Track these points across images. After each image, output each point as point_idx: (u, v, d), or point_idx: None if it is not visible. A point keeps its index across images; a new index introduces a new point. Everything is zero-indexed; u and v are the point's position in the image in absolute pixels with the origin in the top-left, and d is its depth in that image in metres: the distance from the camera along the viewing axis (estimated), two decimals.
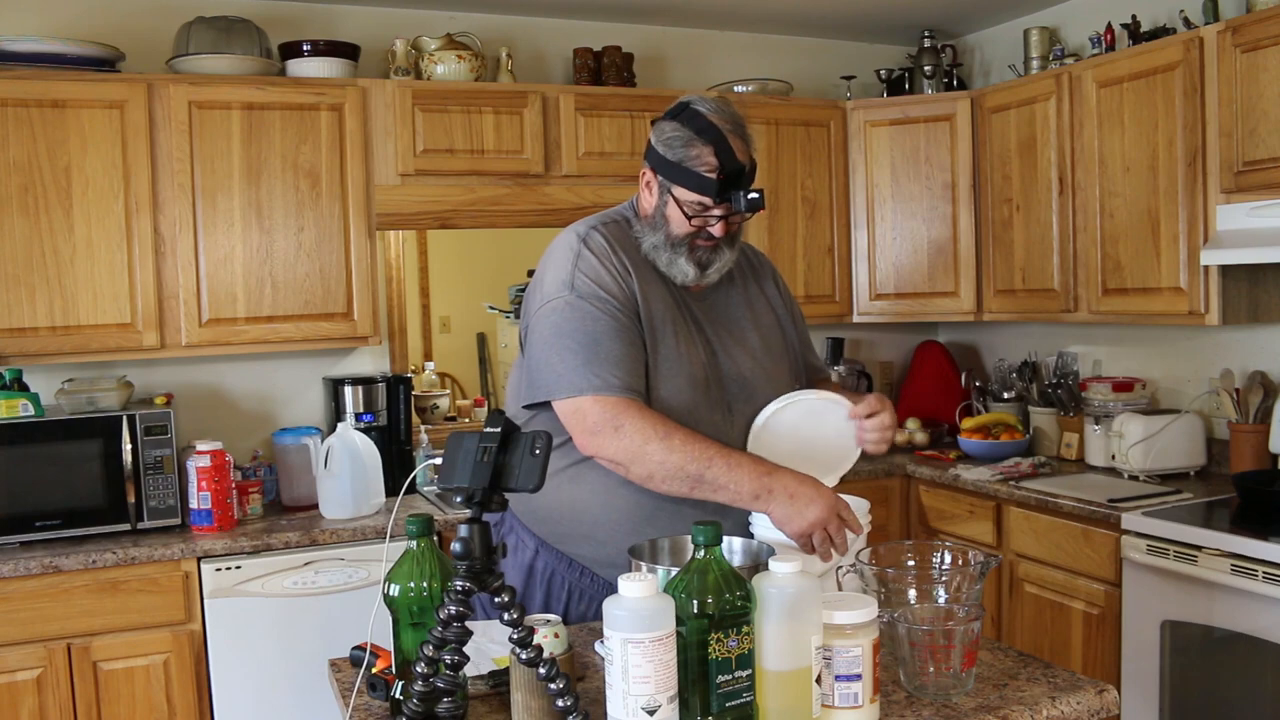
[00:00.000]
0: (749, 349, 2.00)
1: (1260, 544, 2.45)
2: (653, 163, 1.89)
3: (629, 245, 1.91)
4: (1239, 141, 2.81)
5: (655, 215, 1.90)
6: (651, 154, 1.90)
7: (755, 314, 2.05)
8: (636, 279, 1.87)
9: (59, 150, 2.89)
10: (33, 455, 2.78)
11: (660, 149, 1.87)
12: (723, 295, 2.02)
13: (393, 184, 3.25)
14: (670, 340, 1.87)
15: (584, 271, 1.83)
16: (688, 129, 1.84)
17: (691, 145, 1.83)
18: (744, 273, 2.07)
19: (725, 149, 1.82)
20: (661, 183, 1.88)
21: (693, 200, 1.85)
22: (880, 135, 3.86)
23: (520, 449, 1.39)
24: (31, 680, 2.65)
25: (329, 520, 3.02)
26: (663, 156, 1.86)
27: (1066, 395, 3.59)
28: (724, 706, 1.32)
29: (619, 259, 1.86)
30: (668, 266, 1.90)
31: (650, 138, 1.91)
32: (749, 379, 1.96)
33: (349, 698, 1.55)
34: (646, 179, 1.91)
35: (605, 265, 1.84)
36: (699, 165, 1.83)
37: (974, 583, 1.63)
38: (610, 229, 1.92)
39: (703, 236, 1.88)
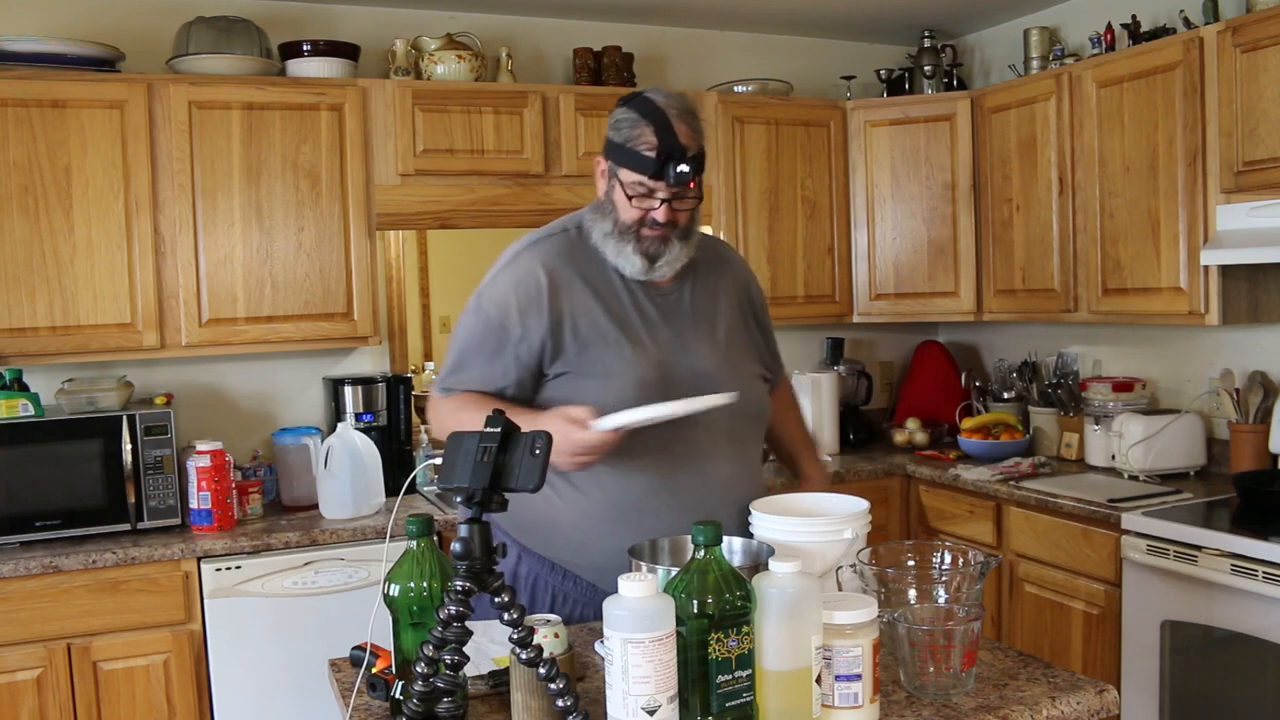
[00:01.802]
0: (713, 343, 2.01)
1: (1260, 544, 2.45)
2: (605, 150, 1.93)
3: (571, 258, 1.94)
4: (1239, 141, 2.81)
5: (605, 202, 1.94)
6: (605, 142, 1.93)
7: (720, 308, 2.06)
8: (569, 296, 1.90)
9: (59, 150, 2.89)
10: (33, 455, 2.78)
11: (610, 134, 1.91)
12: (685, 292, 2.02)
13: (393, 184, 3.25)
14: (611, 347, 1.90)
15: (495, 288, 1.93)
16: (634, 112, 1.88)
17: (636, 126, 1.86)
18: (710, 267, 2.07)
19: (667, 129, 1.85)
20: (610, 168, 1.92)
21: (634, 180, 1.87)
22: (880, 135, 3.86)
23: (520, 449, 1.39)
24: (31, 680, 2.65)
25: (329, 520, 3.02)
26: (611, 140, 1.91)
27: (1066, 395, 3.59)
28: (724, 706, 1.32)
29: (538, 284, 1.90)
30: (616, 257, 1.93)
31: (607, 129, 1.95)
32: (712, 373, 1.97)
33: (349, 698, 1.55)
34: (600, 168, 1.95)
35: (516, 290, 1.90)
36: (640, 145, 1.85)
37: (974, 583, 1.63)
38: (552, 244, 1.96)
39: (648, 224, 1.90)
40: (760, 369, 2.13)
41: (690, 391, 1.88)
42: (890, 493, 3.67)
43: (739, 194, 3.70)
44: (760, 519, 1.72)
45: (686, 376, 1.94)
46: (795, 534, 1.67)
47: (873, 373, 4.20)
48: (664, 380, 1.91)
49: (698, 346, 1.99)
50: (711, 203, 3.68)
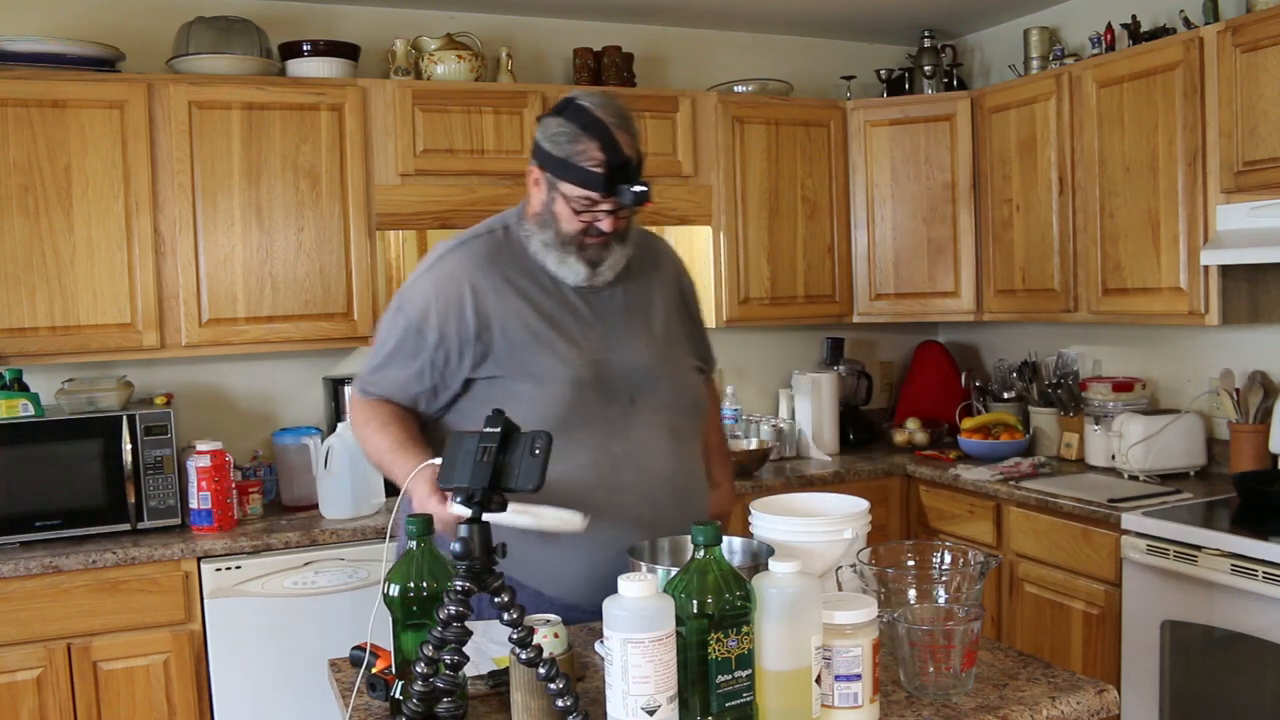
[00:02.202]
0: (650, 339, 2.00)
1: (1260, 544, 2.45)
2: (539, 160, 1.89)
3: (499, 259, 1.93)
4: (1239, 141, 2.81)
5: (544, 213, 1.90)
6: (538, 151, 1.89)
7: (655, 303, 2.06)
8: (497, 298, 1.89)
9: (59, 150, 2.89)
10: (33, 455, 2.78)
11: (547, 145, 1.87)
12: (618, 289, 2.00)
13: (393, 184, 3.25)
14: (544, 348, 1.89)
15: (417, 291, 1.93)
16: (573, 124, 1.84)
17: (577, 140, 1.83)
18: (642, 261, 2.06)
19: (611, 143, 1.82)
20: (549, 179, 1.88)
21: (579, 195, 1.85)
22: (880, 135, 3.86)
23: (520, 449, 1.40)
24: (31, 680, 2.65)
25: (329, 520, 3.02)
26: (549, 153, 1.86)
27: (1066, 395, 3.59)
28: (724, 706, 1.32)
29: (463, 286, 1.88)
30: (558, 266, 1.92)
31: (536, 135, 1.90)
32: (649, 368, 1.97)
33: (349, 698, 1.55)
34: (534, 177, 1.91)
35: (439, 293, 1.89)
36: (585, 160, 1.82)
37: (974, 583, 1.63)
38: (479, 245, 1.94)
39: (592, 234, 1.89)
40: (697, 361, 2.14)
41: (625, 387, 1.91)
42: (890, 493, 3.67)
43: (739, 194, 3.70)
44: (760, 519, 1.72)
45: (620, 373, 1.94)
46: (795, 534, 1.67)
47: (873, 373, 4.21)
48: (598, 379, 1.91)
49: (632, 343, 1.98)
50: (712, 203, 3.68)
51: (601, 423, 1.88)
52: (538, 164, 1.90)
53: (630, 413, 1.92)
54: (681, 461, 1.99)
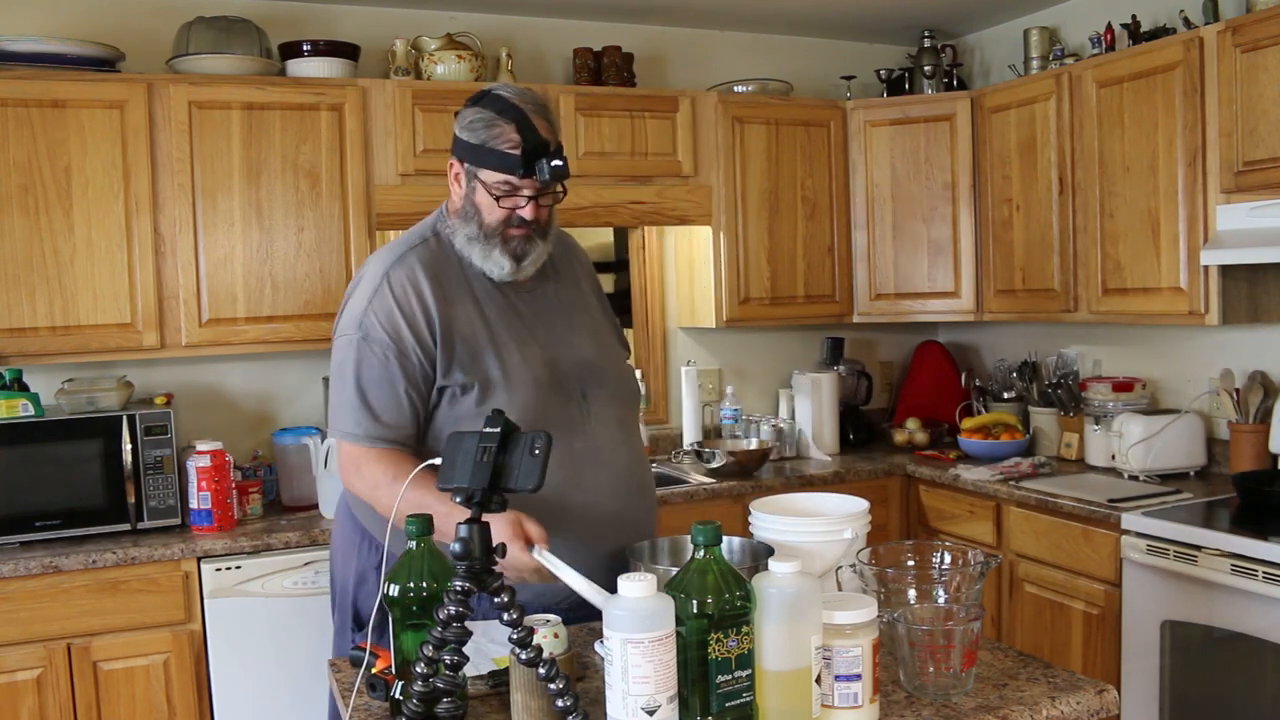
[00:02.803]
0: (588, 332, 2.03)
1: (1260, 544, 2.45)
2: (458, 152, 1.88)
3: (441, 265, 1.91)
4: (1239, 141, 2.81)
5: (466, 206, 1.89)
6: (456, 144, 1.88)
7: (582, 297, 2.09)
8: (449, 304, 1.87)
9: (59, 150, 2.89)
10: (33, 455, 2.78)
11: (464, 135, 1.86)
12: (550, 286, 2.02)
13: (393, 184, 3.25)
14: (504, 353, 1.88)
15: (375, 312, 1.84)
16: (489, 111, 1.84)
17: (493, 125, 1.83)
18: (560, 256, 2.07)
19: (527, 125, 1.82)
20: (468, 170, 1.88)
21: (498, 180, 1.84)
22: (880, 135, 3.86)
23: (520, 449, 1.40)
24: (31, 680, 2.65)
25: (329, 520, 3.02)
26: (466, 142, 1.86)
27: (1066, 395, 3.59)
28: (724, 706, 1.32)
29: (421, 295, 1.86)
30: (483, 260, 1.90)
31: (455, 129, 1.89)
32: (595, 362, 1.99)
33: (349, 698, 1.55)
34: (455, 171, 1.90)
35: (401, 307, 1.84)
36: (502, 143, 1.82)
37: (974, 583, 1.63)
38: (419, 253, 1.91)
39: (514, 224, 1.88)
40: (625, 351, 2.16)
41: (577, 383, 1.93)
42: (890, 493, 3.67)
43: (739, 194, 3.70)
44: (760, 519, 1.72)
45: (573, 369, 1.95)
46: (795, 534, 1.67)
47: (873, 373, 4.21)
48: (554, 378, 1.92)
49: (576, 339, 1.99)
50: (711, 203, 3.68)
51: (563, 421, 1.88)
52: (457, 157, 1.89)
53: (585, 408, 1.93)
54: (633, 451, 2.01)
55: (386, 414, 1.83)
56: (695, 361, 3.94)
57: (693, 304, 3.90)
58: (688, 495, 3.31)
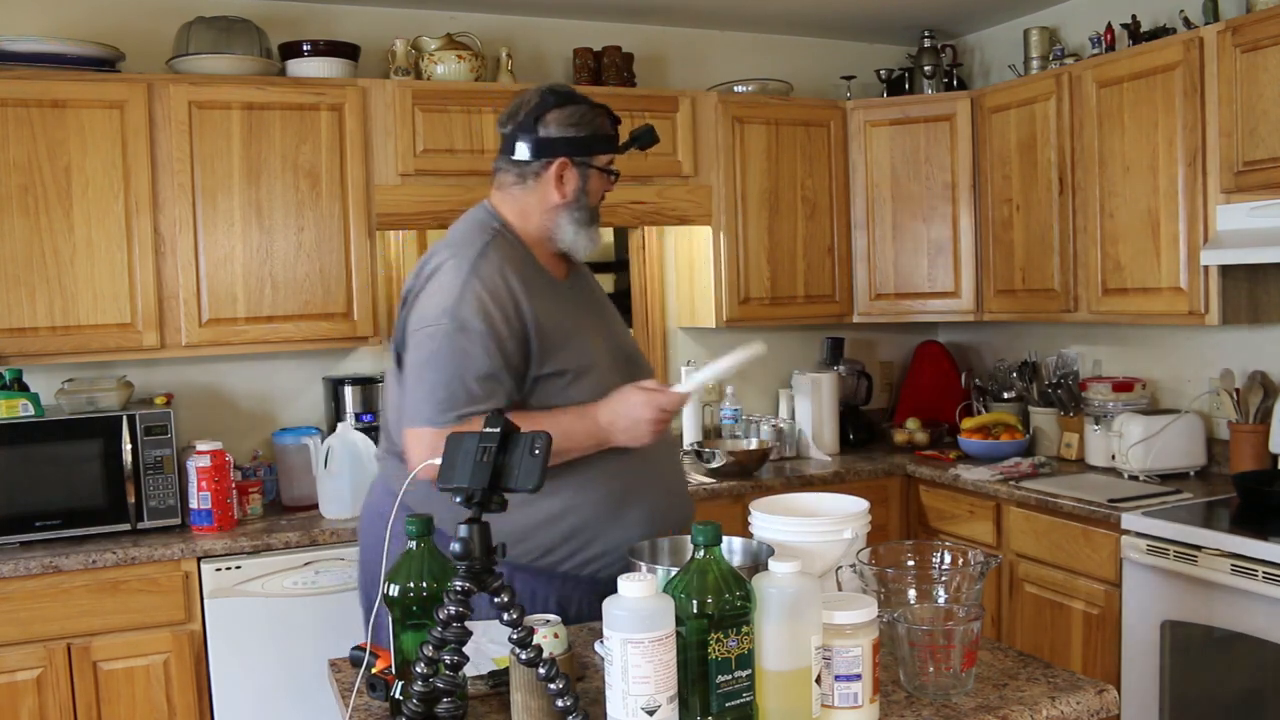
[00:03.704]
0: (619, 322, 2.17)
1: (1260, 544, 2.45)
2: (564, 151, 1.99)
3: (517, 260, 1.97)
4: (1239, 141, 2.81)
5: (577, 196, 2.01)
6: (559, 143, 1.98)
7: (601, 291, 2.22)
8: (531, 296, 1.92)
9: (59, 150, 2.89)
10: (33, 455, 2.78)
11: (570, 132, 1.99)
12: (582, 279, 2.14)
13: (393, 184, 3.25)
14: (584, 341, 1.97)
15: (468, 303, 1.87)
16: (581, 106, 2.01)
17: (595, 118, 2.02)
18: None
19: (610, 112, 2.05)
20: (579, 162, 2.00)
21: (606, 160, 2.04)
22: (880, 135, 3.86)
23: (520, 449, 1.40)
24: (31, 680, 2.65)
25: (329, 520, 3.02)
26: (574, 138, 1.99)
27: (1066, 395, 3.59)
28: (724, 706, 1.32)
29: (510, 287, 1.90)
30: (588, 242, 2.04)
31: (542, 134, 1.98)
32: (633, 349, 2.14)
33: (349, 698, 1.55)
34: (557, 171, 1.99)
35: (494, 298, 1.88)
36: (605, 129, 2.03)
37: (974, 583, 1.63)
38: (498, 248, 1.95)
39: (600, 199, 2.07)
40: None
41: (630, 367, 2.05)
42: (890, 493, 3.67)
43: (739, 194, 3.70)
44: (760, 519, 1.72)
45: (622, 356, 2.07)
46: (795, 534, 1.67)
47: (873, 373, 4.21)
48: (614, 364, 2.02)
49: (616, 327, 2.14)
50: (711, 203, 3.68)
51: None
52: (564, 155, 1.98)
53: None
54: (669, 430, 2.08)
55: (486, 401, 1.84)
56: (695, 361, 3.94)
57: (693, 304, 3.90)
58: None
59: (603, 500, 1.92)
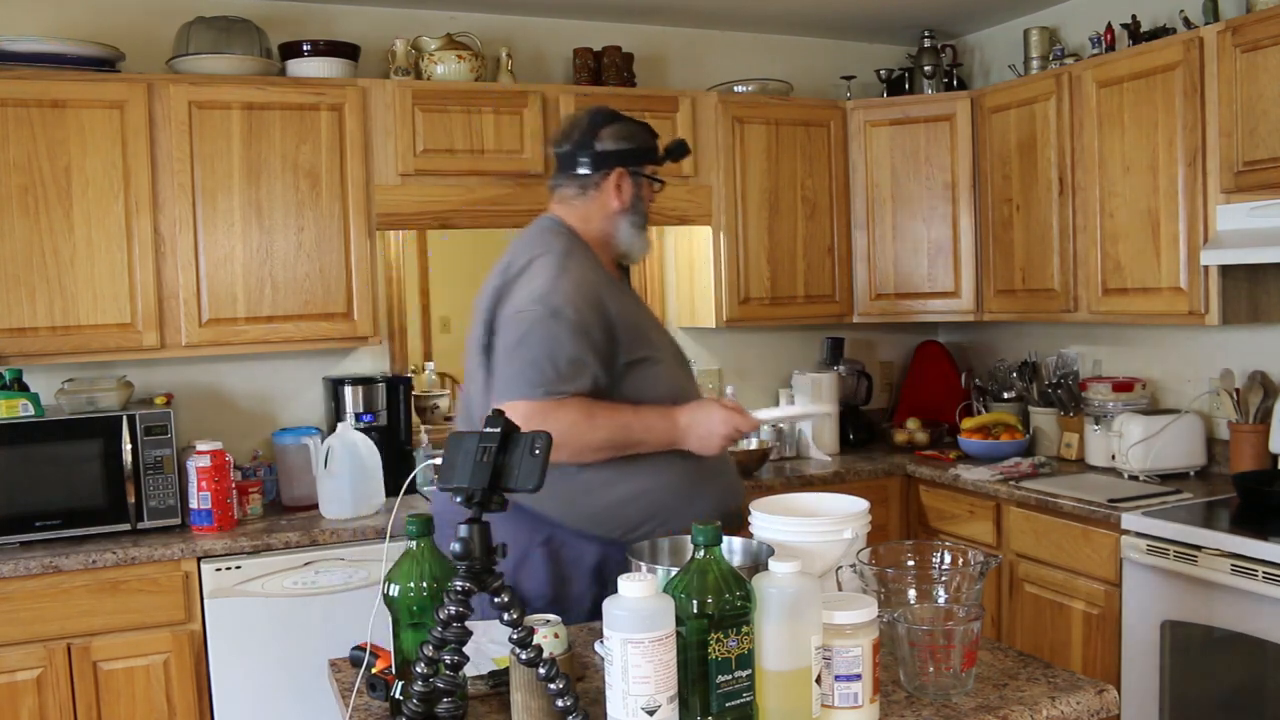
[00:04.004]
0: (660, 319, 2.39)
1: (1260, 544, 2.45)
2: (620, 162, 2.18)
3: (590, 259, 2.14)
4: (1239, 141, 2.81)
5: (633, 203, 2.20)
6: (613, 156, 2.18)
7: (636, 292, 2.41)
8: (610, 291, 2.09)
9: (59, 150, 2.89)
10: (33, 455, 2.78)
11: (625, 144, 2.19)
12: (628, 281, 2.33)
13: (393, 184, 3.25)
14: (648, 333, 2.15)
15: (562, 292, 2.01)
16: (630, 124, 2.22)
17: (645, 132, 2.23)
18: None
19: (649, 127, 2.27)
20: (634, 172, 2.20)
21: (653, 169, 2.23)
22: (880, 135, 3.86)
23: (520, 449, 1.40)
24: (31, 680, 2.65)
25: (329, 520, 3.02)
26: (630, 149, 2.19)
27: (1066, 395, 3.59)
28: (724, 706, 1.32)
29: (596, 281, 2.08)
30: (644, 246, 2.25)
31: (599, 148, 2.18)
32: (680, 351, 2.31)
33: (349, 698, 1.55)
34: (614, 181, 2.18)
35: (584, 289, 2.03)
36: (654, 143, 2.24)
37: (974, 583, 1.63)
38: (579, 247, 2.14)
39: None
40: None
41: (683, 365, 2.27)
42: (890, 493, 3.67)
43: (739, 194, 3.70)
44: (760, 519, 1.72)
45: (676, 351, 2.27)
46: (795, 534, 1.67)
47: (873, 373, 4.20)
48: (676, 354, 2.25)
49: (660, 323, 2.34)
50: (711, 203, 3.68)
51: (693, 393, 2.20)
52: (618, 168, 2.18)
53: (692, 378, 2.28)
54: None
55: (574, 379, 1.98)
56: (695, 361, 3.93)
57: (693, 304, 3.90)
58: None
59: (677, 484, 2.08)
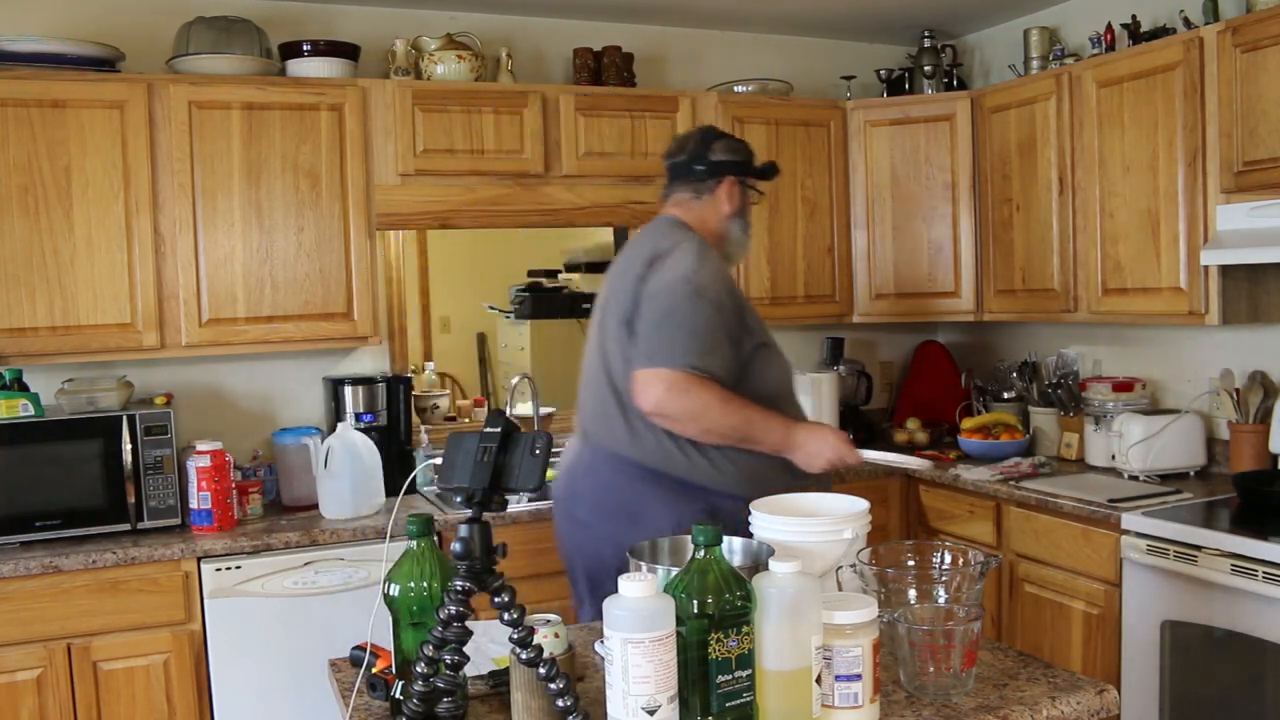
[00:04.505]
0: None
1: (1260, 544, 2.45)
2: (731, 172, 2.45)
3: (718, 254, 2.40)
4: (1239, 141, 2.81)
5: (741, 209, 2.47)
6: (724, 166, 2.44)
7: None
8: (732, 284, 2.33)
9: (59, 150, 2.89)
10: (33, 455, 2.78)
11: (735, 156, 2.47)
12: None
13: (393, 184, 3.25)
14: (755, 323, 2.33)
15: (705, 274, 2.24)
16: (736, 140, 2.52)
17: (747, 148, 2.51)
18: None
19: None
20: (742, 181, 2.47)
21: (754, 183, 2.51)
22: (880, 135, 3.86)
23: (520, 449, 1.40)
24: (31, 680, 2.65)
25: (329, 520, 3.02)
26: (739, 161, 2.47)
27: (1066, 395, 3.59)
28: (724, 706, 1.32)
29: (726, 273, 2.33)
30: (746, 248, 2.55)
31: (713, 159, 2.43)
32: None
33: (349, 698, 1.55)
34: (726, 190, 2.44)
35: (720, 275, 2.28)
36: (750, 156, 2.50)
37: (974, 583, 1.63)
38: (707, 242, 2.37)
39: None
40: None
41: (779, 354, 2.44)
42: (890, 493, 3.67)
43: None
44: (760, 519, 1.72)
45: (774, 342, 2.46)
46: (795, 534, 1.67)
47: (873, 373, 4.20)
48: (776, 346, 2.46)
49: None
50: None
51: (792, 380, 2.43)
52: (729, 177, 2.43)
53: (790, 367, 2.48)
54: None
55: (710, 355, 2.17)
56: None
57: None
58: None
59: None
